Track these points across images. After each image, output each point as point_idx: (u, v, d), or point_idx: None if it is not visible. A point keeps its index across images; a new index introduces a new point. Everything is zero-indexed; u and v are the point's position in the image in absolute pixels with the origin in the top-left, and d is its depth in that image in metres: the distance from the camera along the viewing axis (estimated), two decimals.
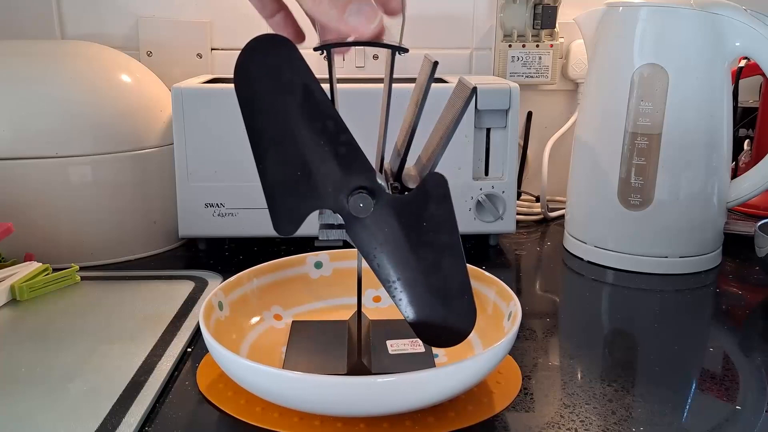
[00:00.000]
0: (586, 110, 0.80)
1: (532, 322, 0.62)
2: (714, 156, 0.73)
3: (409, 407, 0.44)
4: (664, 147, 0.71)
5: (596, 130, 0.77)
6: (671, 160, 0.72)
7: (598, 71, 0.77)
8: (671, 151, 0.72)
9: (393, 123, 0.46)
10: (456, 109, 0.42)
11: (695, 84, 0.71)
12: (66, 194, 0.72)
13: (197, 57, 0.96)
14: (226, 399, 0.48)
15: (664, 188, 0.72)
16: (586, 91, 0.79)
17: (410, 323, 0.46)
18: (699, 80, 0.71)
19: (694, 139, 0.72)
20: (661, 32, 0.71)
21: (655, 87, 0.71)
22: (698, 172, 0.73)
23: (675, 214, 0.73)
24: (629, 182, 0.73)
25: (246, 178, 0.76)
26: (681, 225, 0.73)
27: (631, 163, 0.73)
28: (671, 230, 0.74)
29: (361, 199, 0.42)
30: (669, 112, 0.71)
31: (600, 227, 0.77)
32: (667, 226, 0.73)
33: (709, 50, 0.71)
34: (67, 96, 0.73)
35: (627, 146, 0.73)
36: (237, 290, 0.57)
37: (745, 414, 0.48)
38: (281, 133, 0.41)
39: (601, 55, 0.77)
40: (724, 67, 0.72)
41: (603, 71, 0.76)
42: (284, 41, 0.39)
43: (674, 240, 0.74)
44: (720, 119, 0.72)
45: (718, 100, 0.72)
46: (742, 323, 0.63)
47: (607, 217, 0.76)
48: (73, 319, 0.61)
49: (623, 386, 0.51)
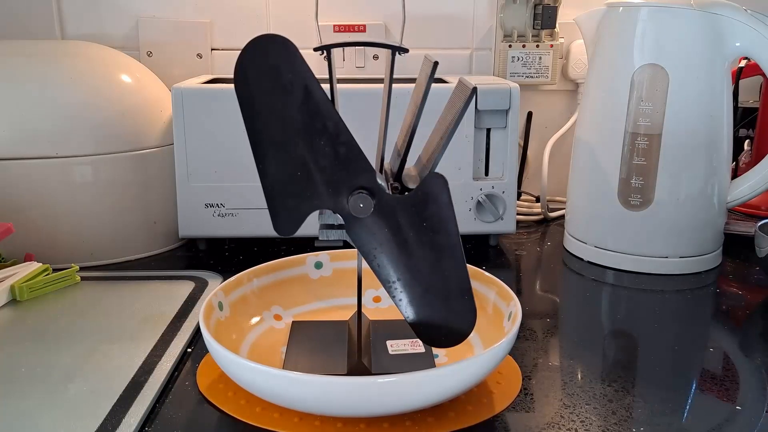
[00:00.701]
0: (586, 110, 0.80)
1: (532, 323, 0.62)
2: (714, 156, 0.73)
3: (409, 407, 0.44)
4: (665, 147, 0.71)
5: (596, 130, 0.77)
6: (671, 160, 0.72)
7: (598, 71, 0.77)
8: (671, 152, 0.72)
9: (393, 123, 0.46)
10: (456, 109, 0.42)
11: (695, 84, 0.71)
12: (66, 194, 0.72)
13: (197, 57, 0.96)
14: (226, 399, 0.48)
15: (665, 188, 0.72)
16: (586, 91, 0.79)
17: (410, 323, 0.46)
18: (699, 80, 0.71)
19: (694, 139, 0.72)
20: (661, 32, 0.71)
21: (656, 87, 0.71)
22: (698, 172, 0.73)
23: (675, 214, 0.73)
24: (629, 182, 0.73)
25: (246, 178, 0.76)
26: (681, 225, 0.73)
27: (631, 163, 0.73)
28: (671, 230, 0.74)
29: (361, 199, 0.42)
30: (669, 112, 0.71)
31: (600, 227, 0.77)
32: (667, 226, 0.73)
33: (709, 50, 0.71)
34: (67, 96, 0.73)
35: (627, 146, 0.73)
36: (237, 290, 0.57)
37: (745, 414, 0.48)
38: (281, 134, 0.41)
39: (601, 56, 0.77)
40: (724, 67, 0.72)
41: (603, 71, 0.76)
42: (284, 41, 0.39)
43: (674, 240, 0.74)
44: (720, 119, 0.72)
45: (718, 101, 0.72)
46: (742, 323, 0.63)
47: (608, 217, 0.76)
48: (73, 319, 0.61)
49: (623, 386, 0.51)
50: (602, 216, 0.76)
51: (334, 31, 0.96)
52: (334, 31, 0.96)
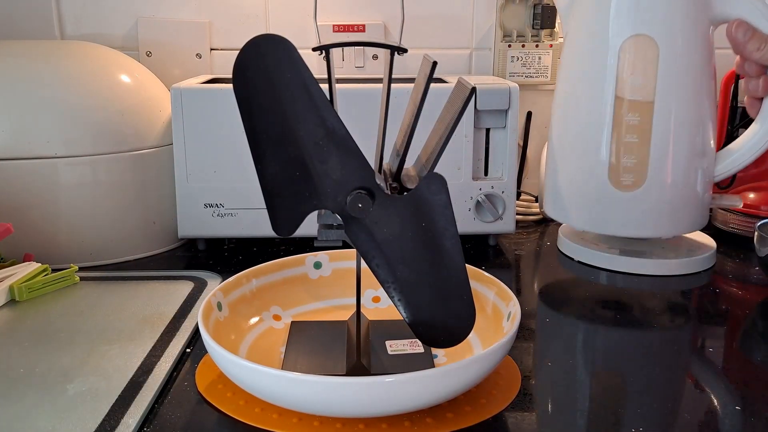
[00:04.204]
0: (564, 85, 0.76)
1: (531, 323, 0.62)
2: (701, 129, 0.71)
3: (408, 408, 0.44)
4: (656, 123, 0.69)
5: (577, 103, 0.74)
6: (663, 136, 0.70)
7: (576, 46, 0.74)
8: (662, 127, 0.69)
9: (392, 123, 0.46)
10: (455, 109, 0.42)
11: (682, 53, 0.68)
12: (65, 194, 0.72)
13: (196, 57, 0.96)
14: (225, 400, 0.48)
15: (657, 167, 0.70)
16: (564, 65, 0.76)
17: (409, 324, 0.46)
18: (684, 49, 0.68)
19: (684, 111, 0.70)
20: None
21: (646, 58, 0.68)
22: (690, 147, 0.71)
23: (668, 192, 0.71)
24: (619, 162, 0.71)
25: (245, 178, 0.76)
26: (674, 204, 0.72)
27: (620, 141, 0.70)
28: (663, 209, 0.72)
29: (360, 199, 0.42)
30: (660, 84, 0.68)
31: (587, 209, 0.74)
32: (660, 205, 0.71)
33: (693, 15, 0.68)
34: (66, 96, 0.73)
35: (614, 122, 0.70)
36: (236, 290, 0.57)
37: (745, 414, 0.48)
38: (280, 134, 0.41)
39: (577, 29, 0.73)
40: (708, 33, 0.70)
41: (582, 45, 0.73)
42: (283, 41, 0.39)
43: (665, 219, 0.72)
44: (708, 88, 0.70)
45: (705, 68, 0.70)
46: (742, 323, 0.63)
47: (596, 198, 0.73)
48: (72, 319, 0.61)
49: (623, 386, 0.51)
50: (590, 197, 0.74)
51: (333, 31, 0.96)
52: (333, 31, 0.96)
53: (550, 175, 0.80)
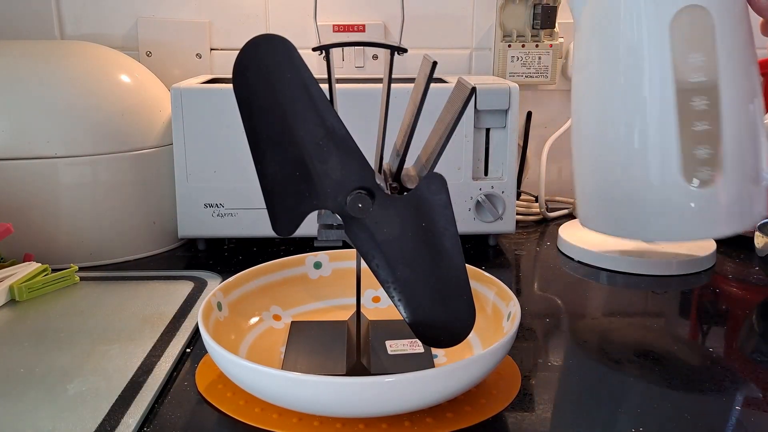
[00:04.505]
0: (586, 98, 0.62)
1: (531, 323, 0.62)
2: (759, 106, 0.59)
3: (408, 408, 0.44)
4: (724, 104, 0.57)
5: (618, 97, 0.59)
6: (735, 118, 0.57)
7: (604, 33, 0.60)
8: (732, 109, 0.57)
9: (392, 123, 0.46)
10: (455, 109, 0.42)
11: (734, 24, 0.57)
12: (65, 194, 0.72)
13: (196, 57, 0.96)
14: (225, 400, 0.48)
15: (734, 154, 0.57)
16: (581, 60, 0.62)
17: (409, 324, 0.46)
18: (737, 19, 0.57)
19: (744, 88, 0.59)
20: None
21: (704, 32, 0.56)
22: (755, 128, 0.59)
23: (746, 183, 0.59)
24: (693, 156, 0.57)
25: (245, 178, 0.76)
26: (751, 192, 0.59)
27: (689, 131, 0.57)
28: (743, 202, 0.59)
29: (360, 199, 0.42)
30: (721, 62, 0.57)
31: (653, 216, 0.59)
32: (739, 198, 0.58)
33: None
34: (66, 96, 0.73)
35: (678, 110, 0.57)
36: (236, 290, 0.57)
37: (745, 414, 0.47)
38: (280, 134, 0.41)
39: (603, 14, 0.59)
40: None
41: (615, 31, 0.59)
42: (283, 41, 0.39)
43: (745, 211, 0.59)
44: (755, 58, 0.59)
45: (751, 38, 0.58)
46: (742, 323, 0.63)
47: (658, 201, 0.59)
48: (72, 319, 0.61)
49: (623, 386, 0.51)
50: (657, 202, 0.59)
51: (333, 31, 0.96)
52: (333, 31, 0.96)
53: (587, 183, 0.65)
